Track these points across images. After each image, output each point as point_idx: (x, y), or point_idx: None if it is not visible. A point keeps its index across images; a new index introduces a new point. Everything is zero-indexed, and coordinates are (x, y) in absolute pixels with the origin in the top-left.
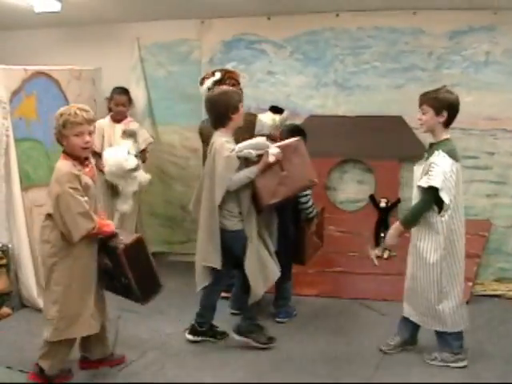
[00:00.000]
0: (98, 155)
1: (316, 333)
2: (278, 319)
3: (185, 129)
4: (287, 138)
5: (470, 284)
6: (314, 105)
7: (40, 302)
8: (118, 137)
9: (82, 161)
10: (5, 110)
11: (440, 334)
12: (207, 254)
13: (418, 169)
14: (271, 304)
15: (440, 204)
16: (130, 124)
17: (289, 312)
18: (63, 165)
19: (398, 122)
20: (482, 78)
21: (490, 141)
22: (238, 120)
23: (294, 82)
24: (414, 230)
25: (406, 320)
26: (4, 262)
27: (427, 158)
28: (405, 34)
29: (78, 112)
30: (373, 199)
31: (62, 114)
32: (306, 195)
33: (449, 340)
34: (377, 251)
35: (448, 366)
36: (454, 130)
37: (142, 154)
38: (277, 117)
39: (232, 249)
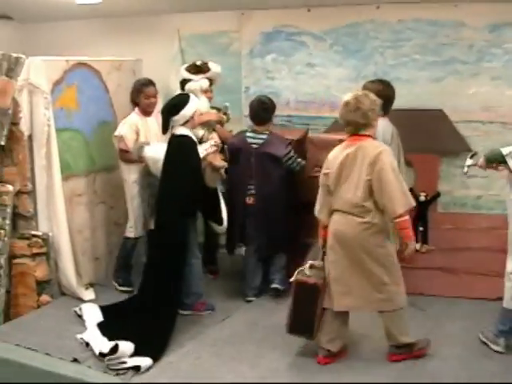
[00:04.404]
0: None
1: None
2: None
3: None
4: None
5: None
6: None
7: (79, 291)
8: (153, 131)
9: None
10: (46, 101)
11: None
12: None
13: None
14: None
15: None
16: (159, 117)
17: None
18: None
19: (438, 116)
20: None
21: None
22: None
23: (334, 75)
24: None
25: None
26: (44, 250)
27: None
28: (445, 26)
29: None
30: (412, 193)
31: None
32: None
33: (501, 319)
34: (416, 245)
35: (487, 345)
36: (494, 125)
37: None
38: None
39: None
